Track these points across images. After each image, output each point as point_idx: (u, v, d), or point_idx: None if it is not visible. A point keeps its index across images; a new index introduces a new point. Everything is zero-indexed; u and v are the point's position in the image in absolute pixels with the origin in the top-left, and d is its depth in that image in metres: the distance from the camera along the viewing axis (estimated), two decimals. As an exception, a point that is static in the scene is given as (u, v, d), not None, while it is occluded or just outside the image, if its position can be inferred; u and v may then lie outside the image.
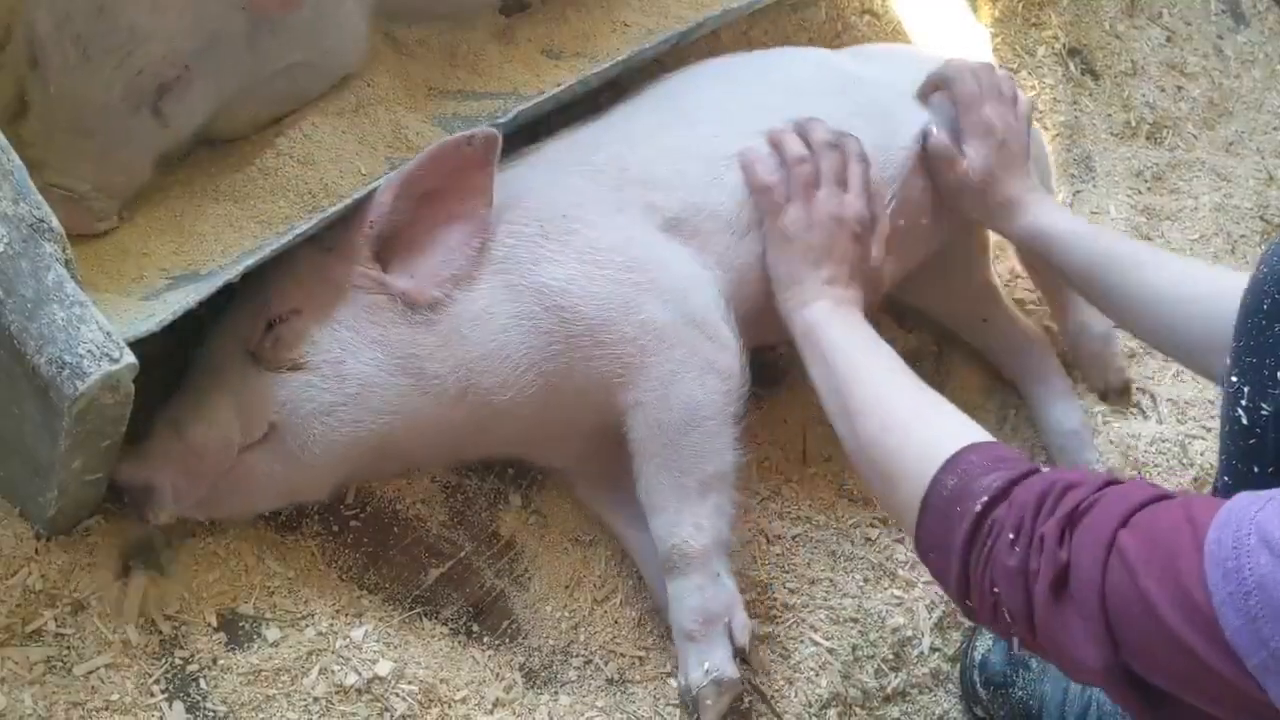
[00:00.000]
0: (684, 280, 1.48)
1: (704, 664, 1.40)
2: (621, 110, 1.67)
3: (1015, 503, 1.06)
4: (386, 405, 1.38)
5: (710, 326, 1.48)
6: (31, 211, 1.19)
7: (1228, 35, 2.64)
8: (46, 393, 1.16)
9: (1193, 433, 1.94)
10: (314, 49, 1.52)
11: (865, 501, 1.73)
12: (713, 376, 1.46)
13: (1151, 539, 0.96)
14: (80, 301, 1.18)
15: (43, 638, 1.28)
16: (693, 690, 1.41)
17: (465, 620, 1.50)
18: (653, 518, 1.45)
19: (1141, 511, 0.99)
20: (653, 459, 1.44)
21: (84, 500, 1.33)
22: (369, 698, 1.35)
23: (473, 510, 1.58)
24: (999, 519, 1.06)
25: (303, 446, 1.36)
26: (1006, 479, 1.08)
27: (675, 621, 1.44)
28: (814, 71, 1.74)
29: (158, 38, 1.34)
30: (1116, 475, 1.12)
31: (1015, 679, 1.60)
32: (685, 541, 1.42)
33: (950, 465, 1.14)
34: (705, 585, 1.42)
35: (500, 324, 1.41)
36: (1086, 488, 1.04)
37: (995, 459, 1.13)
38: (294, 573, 1.43)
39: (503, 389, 1.42)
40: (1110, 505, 1.00)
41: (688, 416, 1.44)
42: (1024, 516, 1.04)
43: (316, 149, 1.51)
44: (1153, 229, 2.24)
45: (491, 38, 1.75)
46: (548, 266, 1.43)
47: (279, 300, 1.39)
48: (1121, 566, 0.96)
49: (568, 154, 1.57)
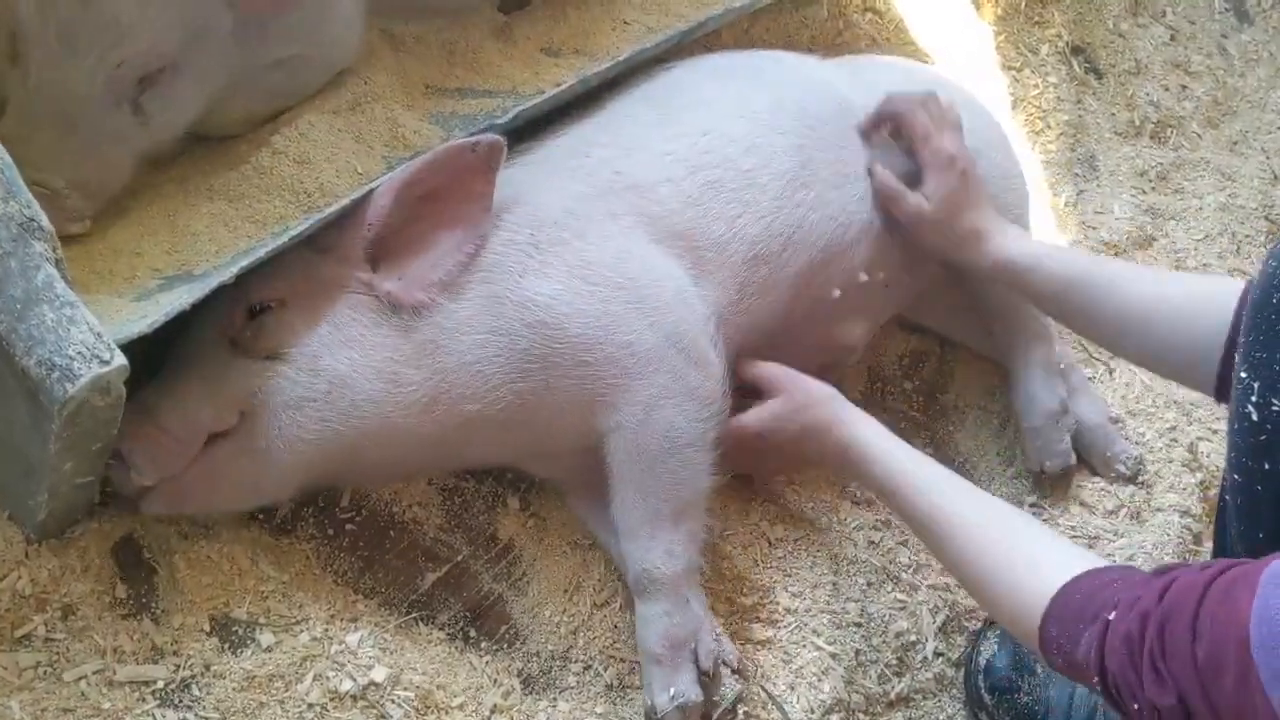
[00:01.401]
0: (673, 298, 1.46)
1: (669, 689, 1.40)
2: (618, 106, 1.65)
3: (1118, 675, 1.09)
4: (355, 408, 1.36)
5: (695, 350, 1.46)
6: (21, 210, 1.18)
7: (1232, 34, 2.63)
8: (36, 395, 1.15)
9: (1200, 434, 1.93)
10: (308, 42, 1.51)
11: (867, 504, 1.71)
12: (694, 403, 1.45)
13: (1216, 647, 1.00)
14: (70, 302, 1.16)
15: (32, 643, 1.26)
16: (658, 713, 1.40)
17: (462, 625, 1.49)
18: (625, 541, 1.45)
19: (1199, 617, 1.02)
20: (629, 483, 1.44)
21: (75, 504, 1.31)
22: (364, 704, 1.33)
23: (470, 513, 1.56)
24: (1120, 690, 1.10)
25: (269, 440, 1.34)
26: (1097, 653, 1.11)
27: (642, 644, 1.44)
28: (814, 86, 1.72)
29: (142, 30, 1.33)
30: (1168, 566, 1.15)
31: (1020, 684, 1.59)
32: (656, 567, 1.42)
33: (1046, 646, 1.19)
34: (673, 611, 1.42)
35: (478, 337, 1.40)
36: (1151, 613, 1.06)
37: (1073, 621, 1.16)
38: (288, 577, 1.41)
39: (471, 401, 1.40)
40: (1178, 625, 1.03)
41: (667, 443, 1.43)
42: (1131, 686, 1.07)
43: (312, 147, 1.50)
44: (1157, 228, 2.22)
45: (490, 35, 1.74)
46: (534, 280, 1.41)
47: (265, 290, 1.37)
48: (1215, 687, 0.99)
49: (561, 155, 1.55)
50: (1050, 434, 1.81)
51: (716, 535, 1.58)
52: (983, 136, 1.79)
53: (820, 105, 1.68)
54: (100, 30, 1.31)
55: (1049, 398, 1.81)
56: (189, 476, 1.33)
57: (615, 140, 1.56)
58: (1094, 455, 1.87)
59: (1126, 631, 1.06)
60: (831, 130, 1.67)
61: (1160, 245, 2.21)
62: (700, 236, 1.52)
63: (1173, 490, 1.88)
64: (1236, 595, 0.99)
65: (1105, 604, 1.11)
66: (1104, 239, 2.17)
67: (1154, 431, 1.92)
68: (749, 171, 1.57)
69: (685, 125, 1.58)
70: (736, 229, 1.54)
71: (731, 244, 1.53)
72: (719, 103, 1.63)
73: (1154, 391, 1.96)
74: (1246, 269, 2.19)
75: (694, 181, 1.53)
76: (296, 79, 1.54)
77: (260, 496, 1.42)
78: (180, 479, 1.32)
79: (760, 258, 1.55)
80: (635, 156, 1.54)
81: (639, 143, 1.56)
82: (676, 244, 1.50)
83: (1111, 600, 1.11)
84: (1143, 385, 1.96)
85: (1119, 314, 1.48)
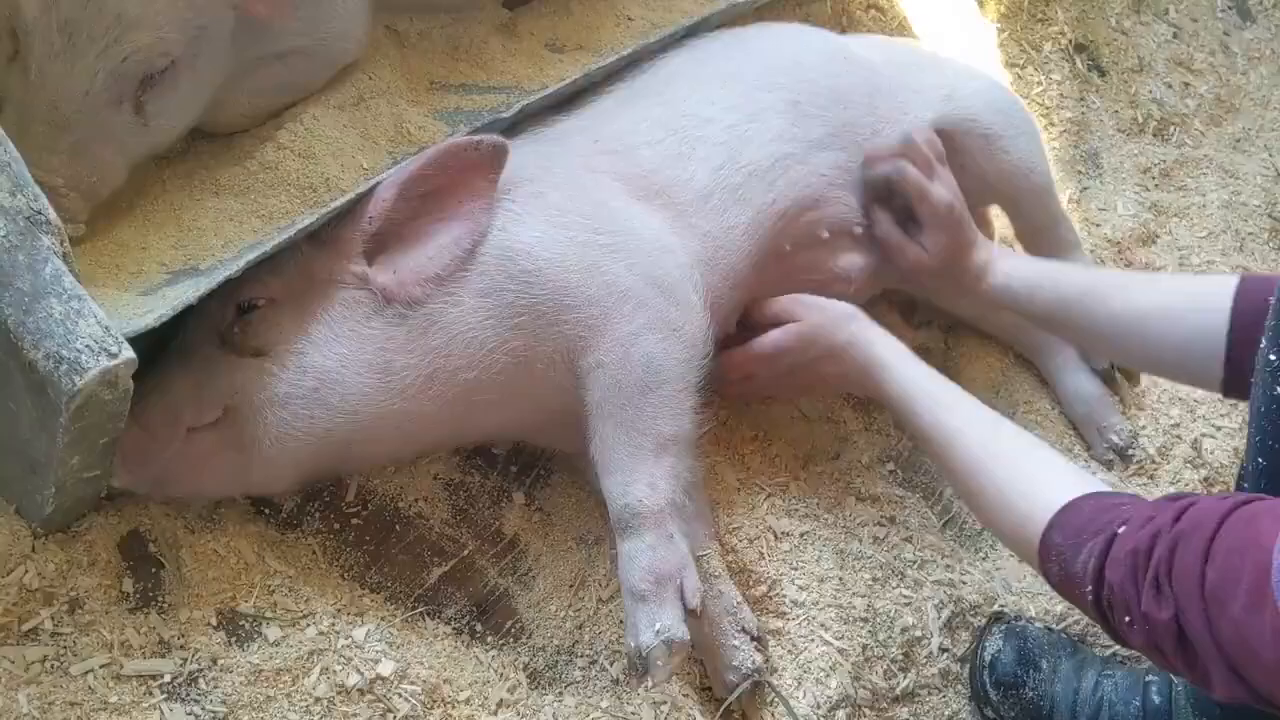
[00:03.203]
0: (652, 244, 1.47)
1: (654, 625, 1.33)
2: (592, 95, 1.66)
3: (1116, 587, 1.10)
4: (346, 403, 1.35)
5: (676, 291, 1.46)
6: (29, 204, 1.18)
7: (1234, 32, 2.63)
8: (44, 388, 1.14)
9: (1204, 431, 1.93)
10: (310, 38, 1.51)
11: (873, 499, 1.71)
12: (675, 341, 1.44)
13: (1227, 575, 1.00)
14: (78, 295, 1.16)
15: (39, 637, 1.26)
16: (643, 651, 1.33)
17: (469, 620, 1.48)
18: (606, 477, 1.40)
19: (1216, 540, 1.02)
20: (609, 419, 1.41)
21: (82, 498, 1.31)
22: (371, 698, 1.33)
23: (476, 508, 1.56)
24: (1113, 604, 1.11)
25: (255, 436, 1.34)
26: (1098, 562, 1.12)
27: (625, 581, 1.38)
28: (816, 54, 1.74)
29: (145, 26, 1.32)
30: (1183, 494, 1.15)
31: (1026, 679, 1.59)
32: (639, 500, 1.38)
33: (1045, 552, 1.22)
34: (657, 545, 1.37)
35: (468, 304, 1.39)
36: (1163, 531, 1.07)
37: (1078, 531, 1.17)
38: (295, 571, 1.41)
39: (468, 369, 1.39)
40: (1191, 545, 1.04)
41: (647, 377, 1.41)
42: (1129, 600, 1.09)
43: (317, 143, 1.50)
44: (1160, 226, 2.23)
45: (494, 31, 1.74)
46: (514, 229, 1.41)
47: (256, 287, 1.36)
48: (1219, 611, 1.00)
49: (538, 131, 1.58)
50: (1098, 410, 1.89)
51: (724, 530, 1.58)
52: (1010, 123, 1.81)
53: (818, 60, 1.70)
54: (103, 25, 1.31)
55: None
56: (174, 462, 1.32)
57: (592, 115, 1.59)
58: (1088, 427, 1.90)
59: (1135, 545, 1.07)
60: (828, 85, 1.68)
61: (1163, 242, 2.21)
62: (681, 191, 1.53)
63: (1174, 485, 1.88)
64: (1260, 526, 0.99)
65: (1114, 519, 1.13)
66: (1107, 236, 2.17)
67: (1158, 428, 1.92)
68: (732, 126, 1.59)
69: (666, 94, 1.61)
70: (720, 178, 1.54)
71: (715, 194, 1.54)
72: (703, 71, 1.65)
73: (1159, 388, 1.96)
74: (1250, 266, 2.19)
75: (675, 140, 1.55)
76: (299, 75, 1.54)
77: (251, 490, 1.42)
78: (166, 464, 1.32)
79: (745, 202, 1.56)
80: (614, 125, 1.56)
81: (615, 114, 1.58)
82: (655, 200, 1.51)
83: (1121, 517, 1.13)
84: (1147, 381, 1.96)
85: (1115, 327, 1.52)
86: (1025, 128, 1.86)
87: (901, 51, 1.87)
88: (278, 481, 1.41)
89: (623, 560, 1.39)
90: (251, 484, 1.40)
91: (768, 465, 1.69)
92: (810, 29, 1.84)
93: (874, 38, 2.01)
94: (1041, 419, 1.92)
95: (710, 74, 1.65)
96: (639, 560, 1.37)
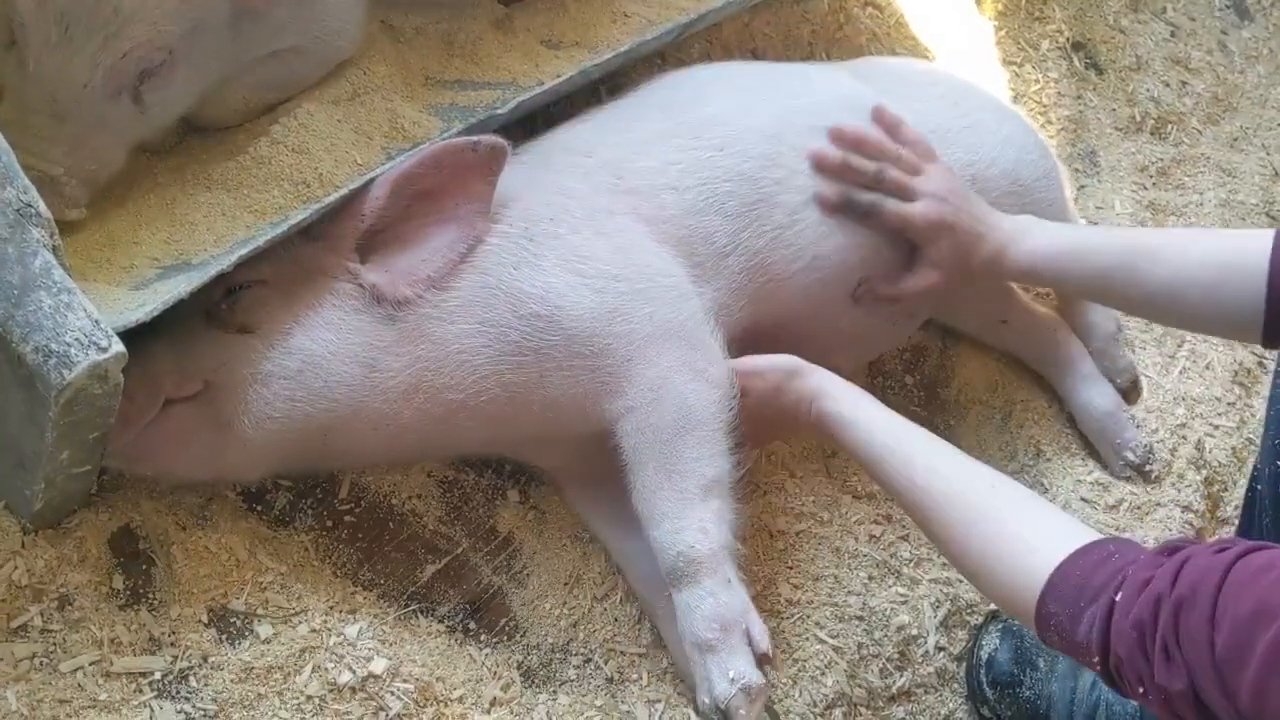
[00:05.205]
0: (671, 293, 1.44)
1: (729, 674, 1.30)
2: (621, 108, 1.63)
3: (1125, 660, 1.06)
4: (328, 389, 1.34)
5: (696, 338, 1.44)
6: (19, 196, 1.17)
7: (1232, 30, 2.63)
8: (33, 382, 1.14)
9: (1207, 431, 1.93)
10: (304, 34, 1.50)
11: (869, 498, 1.71)
12: (703, 383, 1.41)
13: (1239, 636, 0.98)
14: (68, 288, 1.15)
15: (28, 634, 1.25)
16: (720, 703, 1.30)
17: (462, 618, 1.48)
18: (653, 528, 1.37)
19: (1220, 603, 1.00)
20: (648, 464, 1.38)
21: (72, 493, 1.30)
22: (363, 696, 1.32)
23: (470, 506, 1.55)
24: (1124, 675, 1.07)
25: (234, 413, 1.32)
26: (1101, 637, 1.08)
27: (689, 633, 1.34)
28: (839, 98, 1.69)
29: (143, 19, 1.32)
30: (1175, 543, 1.11)
31: (1022, 678, 1.58)
32: (692, 547, 1.34)
33: (1043, 623, 1.15)
34: (718, 591, 1.33)
35: (467, 327, 1.37)
36: (1164, 598, 1.04)
37: (1074, 598, 1.12)
38: (287, 568, 1.40)
39: (455, 390, 1.38)
40: (1196, 610, 1.01)
41: (682, 420, 1.39)
42: (1141, 674, 1.05)
43: (311, 138, 1.49)
44: (1158, 224, 2.23)
45: (490, 27, 1.73)
46: (528, 271, 1.39)
47: (247, 270, 1.34)
48: (1234, 674, 0.97)
49: (562, 155, 1.54)
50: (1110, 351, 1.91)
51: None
52: (1017, 143, 1.79)
53: (842, 119, 1.64)
54: (100, 19, 1.30)
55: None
56: (143, 436, 1.30)
57: (620, 144, 1.54)
58: (1103, 443, 1.88)
59: (1138, 617, 1.04)
60: None
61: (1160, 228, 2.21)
62: (700, 246, 1.50)
63: (1176, 486, 1.88)
64: (1267, 584, 0.97)
65: (1107, 582, 1.09)
66: (1105, 234, 2.17)
67: (1163, 428, 1.91)
68: (761, 186, 1.54)
69: (696, 137, 1.55)
70: (740, 241, 1.52)
71: (732, 256, 1.51)
72: (735, 116, 1.60)
73: (1163, 389, 1.96)
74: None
75: (700, 193, 1.51)
76: (293, 71, 1.53)
77: (224, 470, 1.38)
78: (140, 437, 1.30)
79: (762, 268, 1.53)
80: (640, 163, 1.52)
81: (645, 150, 1.53)
82: (675, 249, 1.48)
83: (1114, 577, 1.09)
84: (1152, 382, 1.96)
85: (1153, 305, 1.50)
86: (1051, 175, 1.84)
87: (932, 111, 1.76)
88: (250, 467, 1.39)
89: (682, 611, 1.35)
90: (225, 467, 1.37)
91: (763, 463, 1.68)
92: (853, 83, 1.75)
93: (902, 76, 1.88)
94: (1038, 416, 1.92)
95: (751, 128, 1.58)
96: (702, 609, 1.33)
